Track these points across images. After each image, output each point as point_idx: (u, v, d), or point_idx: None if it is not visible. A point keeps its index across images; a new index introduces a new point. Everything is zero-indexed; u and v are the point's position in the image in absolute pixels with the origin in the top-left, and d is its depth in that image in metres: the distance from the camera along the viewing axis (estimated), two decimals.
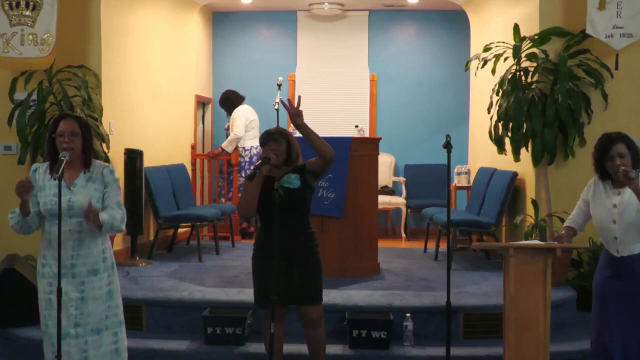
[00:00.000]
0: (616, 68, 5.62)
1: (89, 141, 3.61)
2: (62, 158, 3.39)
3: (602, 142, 3.66)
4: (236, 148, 8.23)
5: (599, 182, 3.73)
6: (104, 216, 3.50)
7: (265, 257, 3.84)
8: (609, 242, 3.68)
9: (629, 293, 3.60)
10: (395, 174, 9.19)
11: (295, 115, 3.78)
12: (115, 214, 3.56)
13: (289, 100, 3.86)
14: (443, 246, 6.61)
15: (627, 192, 3.58)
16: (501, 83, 5.87)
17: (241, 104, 8.46)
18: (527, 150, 5.81)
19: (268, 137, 3.92)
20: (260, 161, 3.78)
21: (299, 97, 3.91)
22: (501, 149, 5.96)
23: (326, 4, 8.91)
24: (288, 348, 4.39)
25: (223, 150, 8.18)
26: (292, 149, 3.93)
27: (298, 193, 3.88)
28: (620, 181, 3.54)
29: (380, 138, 6.16)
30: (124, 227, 3.66)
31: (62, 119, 3.58)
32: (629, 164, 3.56)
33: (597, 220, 3.72)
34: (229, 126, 8.37)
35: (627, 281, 3.60)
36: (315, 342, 4.03)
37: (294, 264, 3.87)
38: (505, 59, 5.92)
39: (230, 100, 8.48)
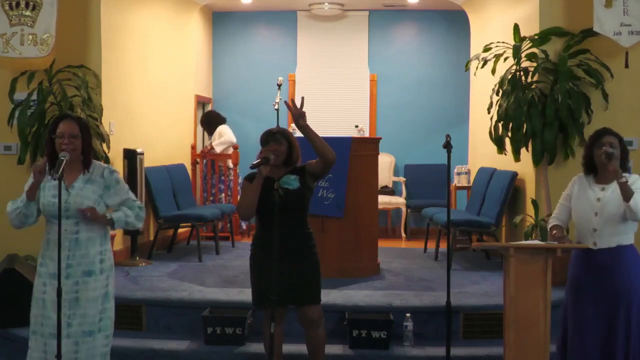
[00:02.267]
0: (626, 66, 5.58)
1: (88, 142, 3.61)
2: (62, 158, 3.39)
3: (596, 132, 3.84)
4: (236, 149, 8.22)
5: (583, 178, 3.87)
6: (114, 215, 3.55)
7: (265, 257, 3.82)
8: (587, 235, 3.78)
9: (605, 292, 3.69)
10: (395, 174, 9.19)
11: (298, 116, 3.76)
12: (127, 211, 3.59)
13: (292, 100, 3.85)
14: (443, 246, 6.61)
15: (611, 188, 3.70)
16: (501, 83, 5.87)
17: (223, 124, 8.43)
18: (527, 150, 5.81)
19: (270, 137, 3.90)
20: (259, 160, 3.77)
21: (302, 98, 3.89)
22: (501, 149, 5.96)
23: (326, 4, 8.91)
24: (288, 348, 4.39)
25: (212, 148, 8.17)
26: (292, 149, 3.92)
27: (297, 194, 3.87)
28: (602, 162, 3.68)
29: (380, 138, 6.16)
30: (141, 222, 3.67)
31: (62, 119, 3.57)
32: (618, 154, 3.70)
33: (578, 212, 3.83)
34: (210, 144, 8.30)
35: (604, 278, 3.69)
36: (315, 342, 4.03)
37: (292, 264, 3.86)
38: (505, 59, 5.92)
39: (214, 120, 8.44)
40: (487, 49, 6.08)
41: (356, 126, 7.85)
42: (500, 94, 5.88)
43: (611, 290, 3.68)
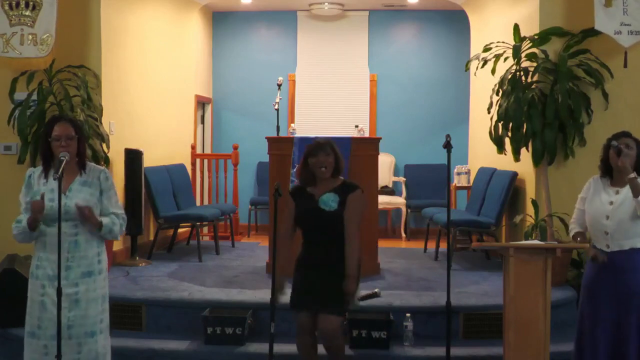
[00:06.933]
0: (625, 66, 5.58)
1: (83, 144, 3.61)
2: (62, 158, 3.39)
3: (614, 134, 3.82)
4: (236, 148, 8.22)
5: (598, 180, 3.84)
6: (105, 220, 3.55)
7: (302, 269, 3.97)
8: (599, 237, 3.77)
9: (617, 295, 3.67)
10: (395, 174, 9.19)
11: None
12: (115, 220, 3.59)
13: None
14: (443, 246, 6.61)
15: (624, 192, 3.68)
16: (501, 83, 5.86)
17: None
18: (527, 150, 5.81)
19: (319, 149, 3.91)
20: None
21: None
22: (501, 149, 5.96)
23: (326, 4, 8.91)
24: (288, 348, 4.40)
25: None
26: (339, 161, 3.97)
27: (333, 215, 3.89)
28: (616, 164, 3.67)
29: (380, 138, 6.16)
30: (121, 234, 3.69)
31: (56, 122, 3.56)
32: (633, 154, 3.70)
33: (591, 215, 3.80)
34: None
35: (616, 280, 3.67)
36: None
37: (319, 277, 3.93)
38: (505, 59, 5.92)
39: None
40: (487, 49, 6.08)
41: (356, 126, 7.85)
42: (500, 94, 5.88)
43: (624, 292, 3.65)
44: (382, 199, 7.88)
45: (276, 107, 6.97)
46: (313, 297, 3.90)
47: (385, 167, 8.88)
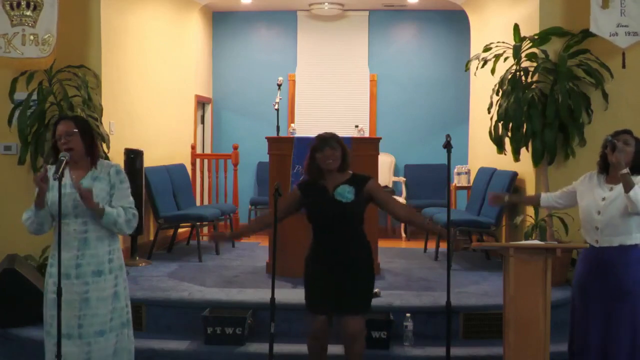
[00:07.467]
0: (623, 67, 5.59)
1: (90, 139, 3.57)
2: (62, 158, 3.38)
3: (616, 130, 3.85)
4: (236, 148, 8.22)
5: (594, 175, 3.89)
6: (109, 209, 3.48)
7: (317, 267, 3.87)
8: (590, 232, 3.80)
9: (608, 291, 3.69)
10: (395, 174, 9.19)
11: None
12: (120, 212, 3.53)
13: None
14: (443, 246, 6.62)
15: (618, 189, 3.71)
16: (501, 83, 5.87)
17: None
18: (527, 150, 5.81)
19: (324, 143, 3.87)
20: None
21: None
22: (501, 149, 5.96)
23: (326, 4, 8.91)
24: (288, 348, 4.40)
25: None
26: (346, 155, 3.93)
27: (351, 206, 3.85)
28: (612, 161, 3.69)
29: (380, 138, 6.16)
30: (130, 229, 3.59)
31: (59, 122, 3.56)
32: (630, 151, 3.73)
33: (583, 209, 3.85)
34: None
35: (607, 277, 3.70)
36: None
37: (341, 274, 3.82)
38: (505, 59, 5.92)
39: None
40: (487, 49, 6.08)
41: (356, 126, 7.85)
42: (500, 94, 5.88)
43: (616, 286, 3.68)
44: None
45: (276, 107, 6.97)
46: (333, 299, 3.81)
47: (385, 167, 8.89)
